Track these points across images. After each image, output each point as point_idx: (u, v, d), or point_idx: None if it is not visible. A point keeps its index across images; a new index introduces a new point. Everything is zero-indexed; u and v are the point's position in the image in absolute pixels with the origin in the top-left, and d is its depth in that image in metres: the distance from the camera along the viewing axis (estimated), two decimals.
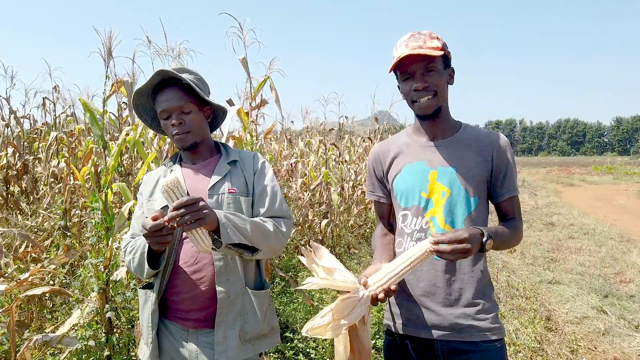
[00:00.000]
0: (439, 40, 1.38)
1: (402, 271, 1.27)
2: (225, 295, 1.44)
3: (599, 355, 3.46)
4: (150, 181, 1.61)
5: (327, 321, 1.29)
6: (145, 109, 1.63)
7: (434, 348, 1.41)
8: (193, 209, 1.21)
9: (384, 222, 1.65)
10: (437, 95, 1.39)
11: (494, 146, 1.43)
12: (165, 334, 1.50)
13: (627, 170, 29.49)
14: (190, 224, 1.21)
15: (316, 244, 1.41)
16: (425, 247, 1.24)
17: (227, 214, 1.35)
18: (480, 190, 1.42)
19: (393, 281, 1.28)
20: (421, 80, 1.37)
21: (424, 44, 1.36)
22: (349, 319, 1.29)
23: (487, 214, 1.47)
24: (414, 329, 1.45)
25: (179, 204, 1.20)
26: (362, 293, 1.30)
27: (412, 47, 1.35)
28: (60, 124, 5.50)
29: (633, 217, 10.05)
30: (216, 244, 1.35)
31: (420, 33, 1.39)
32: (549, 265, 6.12)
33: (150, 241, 1.30)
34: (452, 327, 1.39)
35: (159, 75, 1.50)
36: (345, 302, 1.29)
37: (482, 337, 1.37)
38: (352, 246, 5.93)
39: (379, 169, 1.59)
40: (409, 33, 1.41)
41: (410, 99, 1.42)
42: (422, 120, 1.48)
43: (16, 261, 2.90)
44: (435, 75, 1.38)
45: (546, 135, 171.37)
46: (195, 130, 1.52)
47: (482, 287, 1.42)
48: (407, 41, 1.38)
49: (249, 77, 3.23)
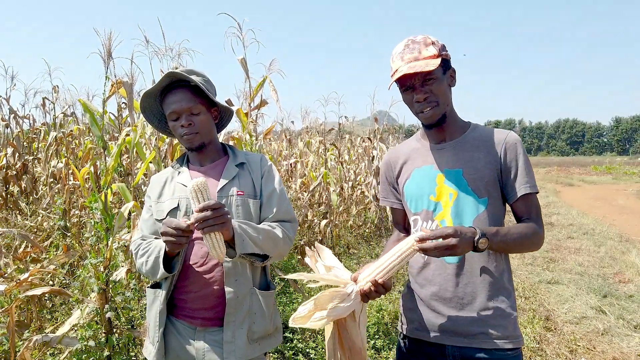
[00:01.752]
0: (434, 45, 1.34)
1: (390, 264, 1.26)
2: (234, 296, 1.45)
3: (597, 355, 3.47)
4: (158, 183, 1.61)
5: (308, 310, 1.29)
6: (153, 111, 1.63)
7: (445, 353, 1.38)
8: (218, 213, 1.25)
9: (399, 228, 1.65)
10: (439, 104, 1.38)
11: (502, 144, 1.39)
12: (172, 331, 1.51)
13: (626, 170, 29.53)
14: (211, 227, 1.25)
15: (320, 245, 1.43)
16: (411, 242, 1.22)
17: (242, 224, 1.38)
18: (490, 191, 1.38)
19: (382, 275, 1.27)
20: (421, 92, 1.35)
21: (419, 54, 1.33)
22: (334, 311, 1.29)
23: (501, 215, 1.42)
24: (425, 333, 1.42)
25: (205, 206, 1.24)
26: (350, 288, 1.31)
27: (407, 59, 1.33)
28: (59, 124, 5.50)
29: (632, 217, 10.05)
30: (229, 253, 1.37)
31: (414, 41, 1.35)
32: (548, 265, 6.13)
33: (170, 241, 1.30)
34: (464, 332, 1.35)
35: (168, 78, 1.50)
36: (330, 294, 1.29)
37: (495, 345, 1.32)
38: (351, 246, 5.94)
39: (390, 175, 1.59)
40: (403, 42, 1.38)
41: (414, 110, 1.41)
42: (429, 129, 1.47)
43: (16, 261, 2.90)
44: (434, 83, 1.35)
45: (545, 135, 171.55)
46: (203, 132, 1.53)
47: (497, 290, 1.36)
48: (402, 53, 1.35)
49: (247, 78, 3.23)
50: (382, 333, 3.38)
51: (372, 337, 3.27)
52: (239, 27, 2.98)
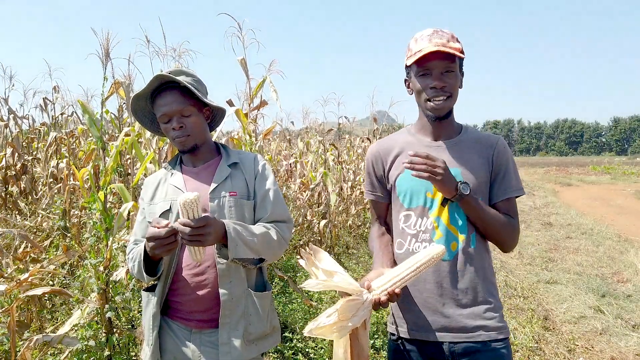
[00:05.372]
0: (459, 43, 1.39)
1: (407, 276, 1.27)
2: (228, 298, 1.45)
3: (596, 354, 3.48)
4: (151, 185, 1.61)
5: (333, 321, 1.27)
6: (144, 112, 1.62)
7: (443, 350, 1.39)
8: (196, 232, 1.25)
9: (381, 221, 1.63)
10: (451, 97, 1.39)
11: (494, 148, 1.45)
12: (168, 333, 1.51)
13: (624, 170, 29.56)
14: (189, 242, 1.27)
15: (315, 246, 1.41)
16: (433, 254, 1.25)
17: (236, 227, 1.37)
18: (483, 191, 1.43)
19: (398, 285, 1.27)
20: (440, 80, 1.36)
21: (447, 42, 1.35)
22: (352, 321, 1.28)
23: None
24: (422, 332, 1.43)
25: (186, 223, 1.25)
26: (365, 296, 1.29)
27: (435, 43, 1.34)
28: (59, 125, 5.50)
29: (630, 217, 10.08)
30: (222, 253, 1.37)
31: (443, 31, 1.38)
32: (547, 265, 6.14)
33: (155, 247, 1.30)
34: (461, 328, 1.38)
35: (157, 80, 1.49)
36: (349, 304, 1.27)
37: (490, 337, 1.37)
38: (350, 246, 5.94)
39: (379, 167, 1.56)
40: (431, 29, 1.39)
41: (426, 96, 1.40)
42: (432, 120, 1.46)
43: (16, 261, 2.90)
44: (453, 76, 1.38)
45: (544, 135, 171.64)
46: (195, 133, 1.52)
47: (488, 286, 1.42)
48: (431, 36, 1.36)
49: (247, 78, 3.24)
50: (382, 333, 3.39)
51: (371, 337, 3.28)
52: (239, 27, 2.99)
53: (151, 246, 1.31)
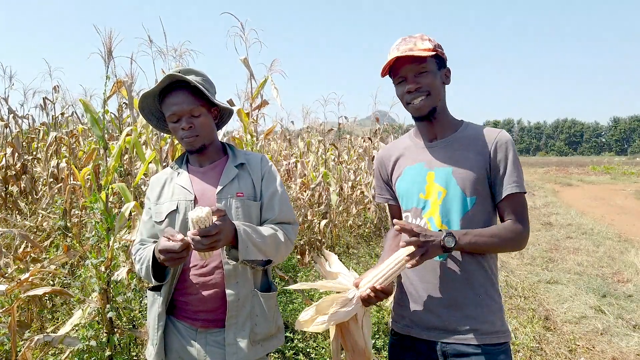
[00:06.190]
0: (430, 41, 1.39)
1: (388, 272, 1.33)
2: (235, 298, 1.45)
3: (597, 354, 3.48)
4: (157, 185, 1.60)
5: (310, 315, 1.38)
6: (151, 110, 1.61)
7: (436, 349, 1.39)
8: (206, 241, 1.24)
9: None
10: (430, 95, 1.40)
11: (492, 143, 1.40)
12: (173, 332, 1.51)
13: (624, 170, 29.58)
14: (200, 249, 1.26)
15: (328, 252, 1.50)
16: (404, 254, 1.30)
17: (246, 229, 1.37)
18: (479, 190, 1.39)
19: (380, 282, 1.33)
20: (413, 82, 1.39)
21: (414, 46, 1.38)
22: (335, 316, 1.37)
23: (490, 214, 1.42)
24: (417, 330, 1.44)
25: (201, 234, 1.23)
26: (352, 293, 1.38)
27: (402, 50, 1.37)
28: (59, 124, 5.49)
29: (630, 217, 10.09)
30: (231, 254, 1.37)
31: (411, 37, 1.41)
32: (547, 265, 6.14)
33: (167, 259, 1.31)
34: (454, 329, 1.37)
35: (168, 79, 1.48)
36: (331, 299, 1.37)
37: (485, 341, 1.34)
38: (351, 246, 5.94)
39: (384, 172, 1.61)
40: (400, 37, 1.43)
41: (405, 101, 1.44)
42: (419, 121, 1.49)
43: (16, 261, 2.90)
44: (427, 76, 1.39)
45: (544, 135, 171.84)
46: (204, 134, 1.51)
47: (485, 287, 1.39)
48: (398, 45, 1.40)
49: (251, 77, 3.23)
50: (382, 332, 3.38)
51: (372, 337, 3.27)
52: (242, 27, 2.98)
53: (163, 258, 1.31)
